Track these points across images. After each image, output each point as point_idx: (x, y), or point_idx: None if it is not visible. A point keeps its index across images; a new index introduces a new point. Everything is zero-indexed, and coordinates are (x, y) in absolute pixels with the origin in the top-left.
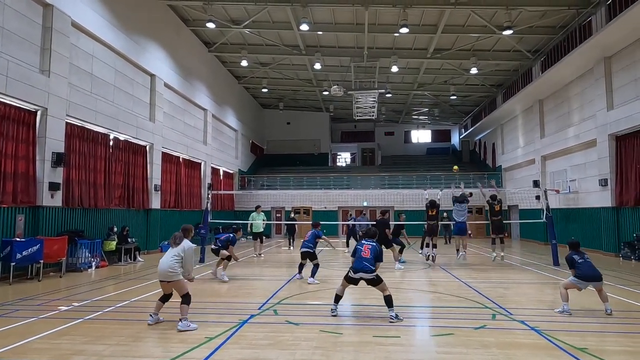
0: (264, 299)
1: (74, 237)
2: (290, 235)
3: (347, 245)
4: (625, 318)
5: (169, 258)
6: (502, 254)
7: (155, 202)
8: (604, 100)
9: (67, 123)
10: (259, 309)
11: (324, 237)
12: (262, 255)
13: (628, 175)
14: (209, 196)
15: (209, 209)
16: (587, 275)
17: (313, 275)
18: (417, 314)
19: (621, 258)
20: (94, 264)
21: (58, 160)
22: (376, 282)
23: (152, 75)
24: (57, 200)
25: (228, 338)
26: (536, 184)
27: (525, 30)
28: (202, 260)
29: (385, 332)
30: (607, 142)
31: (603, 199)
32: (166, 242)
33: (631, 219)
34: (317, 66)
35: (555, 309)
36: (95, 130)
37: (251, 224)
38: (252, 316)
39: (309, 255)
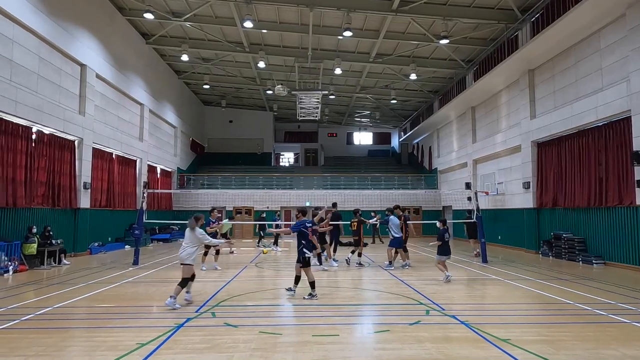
0: (202, 301)
1: None
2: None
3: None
4: (543, 310)
5: (184, 244)
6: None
7: (85, 201)
8: (528, 110)
9: None
10: (197, 311)
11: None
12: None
13: (547, 179)
14: (145, 195)
15: (144, 208)
16: (448, 251)
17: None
18: (356, 312)
19: (540, 255)
20: (11, 268)
21: None
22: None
23: (82, 65)
24: None
25: (162, 343)
26: (468, 186)
27: (460, 40)
28: (135, 263)
29: (324, 331)
30: (530, 148)
31: (526, 200)
32: (96, 244)
33: (549, 219)
34: (261, 65)
35: (442, 278)
36: (14, 122)
37: None
38: (188, 319)
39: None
